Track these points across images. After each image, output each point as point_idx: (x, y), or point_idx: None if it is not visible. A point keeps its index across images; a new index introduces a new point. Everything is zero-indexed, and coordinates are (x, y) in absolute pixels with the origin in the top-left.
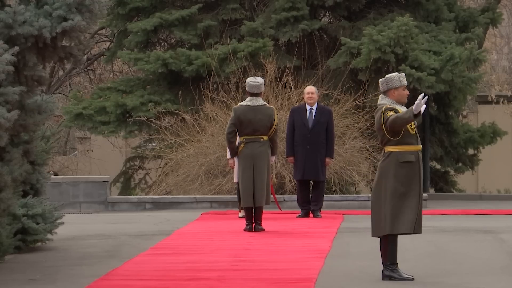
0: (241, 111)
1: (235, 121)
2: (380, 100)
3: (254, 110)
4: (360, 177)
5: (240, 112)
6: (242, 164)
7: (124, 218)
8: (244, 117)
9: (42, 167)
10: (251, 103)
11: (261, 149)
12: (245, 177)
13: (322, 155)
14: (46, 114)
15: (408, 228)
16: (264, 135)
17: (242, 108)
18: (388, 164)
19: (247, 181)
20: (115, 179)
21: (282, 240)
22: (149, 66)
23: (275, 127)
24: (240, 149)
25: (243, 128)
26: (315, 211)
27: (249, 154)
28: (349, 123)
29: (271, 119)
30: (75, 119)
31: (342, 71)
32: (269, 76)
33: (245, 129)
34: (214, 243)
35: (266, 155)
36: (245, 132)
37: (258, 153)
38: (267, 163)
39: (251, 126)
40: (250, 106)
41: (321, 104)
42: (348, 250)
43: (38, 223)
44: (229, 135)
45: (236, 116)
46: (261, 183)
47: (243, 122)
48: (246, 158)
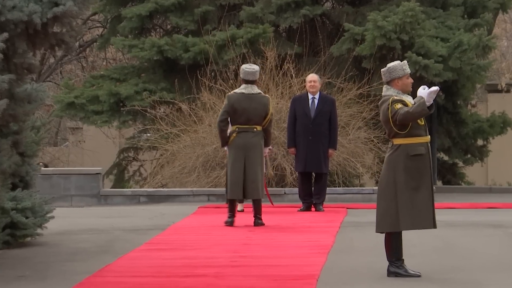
0: (235, 99)
1: (228, 109)
2: (385, 91)
3: (249, 98)
4: (364, 169)
5: (234, 99)
6: (233, 154)
7: (118, 212)
8: (238, 105)
9: (32, 159)
10: (245, 91)
11: (254, 140)
12: (235, 168)
13: (324, 146)
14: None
15: (429, 224)
16: (258, 125)
17: (236, 95)
18: (397, 157)
19: (238, 173)
20: (108, 171)
21: (283, 235)
22: (144, 53)
23: (270, 117)
24: (231, 138)
25: (236, 117)
26: (317, 204)
27: (241, 144)
28: (353, 113)
29: (266, 108)
30: (66, 109)
31: (346, 59)
32: (269, 63)
33: (238, 118)
34: (211, 238)
35: (259, 146)
36: (239, 121)
37: (251, 143)
38: (261, 154)
39: (245, 115)
40: (245, 94)
41: (324, 93)
42: (351, 245)
43: (27, 217)
44: (221, 123)
45: (230, 104)
46: (254, 175)
47: (237, 111)
48: (238, 149)
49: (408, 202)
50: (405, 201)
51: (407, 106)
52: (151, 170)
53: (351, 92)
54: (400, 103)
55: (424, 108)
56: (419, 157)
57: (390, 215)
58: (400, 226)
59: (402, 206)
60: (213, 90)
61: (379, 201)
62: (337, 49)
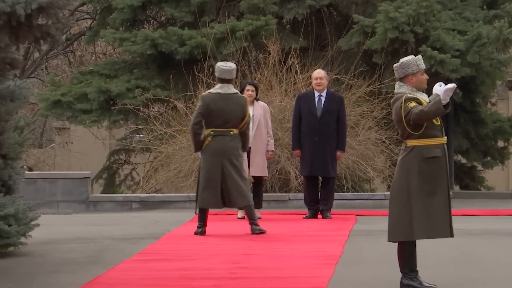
0: (211, 99)
1: (203, 110)
2: (397, 88)
3: (226, 99)
4: (375, 172)
5: (210, 100)
6: (209, 160)
7: (108, 219)
8: (215, 106)
9: (15, 162)
10: (222, 91)
11: (232, 144)
12: (212, 175)
13: (332, 148)
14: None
15: (445, 232)
16: (234, 128)
17: (212, 96)
18: (411, 160)
19: (215, 180)
20: (98, 175)
21: (287, 244)
22: (136, 47)
23: (248, 119)
24: (206, 143)
25: (212, 119)
26: (324, 211)
27: (217, 149)
28: (363, 112)
29: (244, 109)
30: (52, 107)
31: (355, 53)
32: (272, 58)
33: (214, 120)
34: (209, 247)
35: (237, 150)
36: (214, 124)
37: (228, 148)
38: (241, 159)
39: (222, 117)
40: (221, 94)
41: (331, 90)
42: (361, 255)
43: (10, 225)
44: (195, 126)
45: (205, 105)
46: (236, 182)
47: (212, 112)
48: (214, 154)
49: (423, 209)
50: (419, 208)
51: (422, 104)
52: (144, 174)
53: (361, 89)
54: (414, 102)
55: (440, 106)
56: (434, 160)
57: (403, 222)
58: (414, 234)
59: (416, 213)
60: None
61: (391, 208)
62: (346, 43)
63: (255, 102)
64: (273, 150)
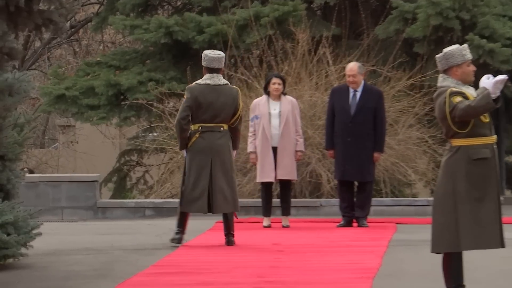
0: (199, 91)
1: (191, 103)
2: (441, 82)
3: (216, 91)
4: (417, 176)
5: (198, 92)
6: (197, 159)
7: (118, 228)
8: (203, 99)
9: (14, 163)
10: (211, 82)
11: (222, 142)
12: (200, 176)
13: (367, 149)
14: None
15: (495, 243)
16: (224, 123)
17: (200, 87)
18: (456, 162)
19: (203, 182)
20: (107, 178)
21: (319, 256)
22: (149, 36)
23: (240, 113)
24: (193, 140)
25: (200, 113)
26: (360, 219)
27: (206, 147)
28: (403, 108)
29: (236, 102)
30: (55, 103)
31: (394, 42)
32: (301, 48)
33: (202, 115)
34: (232, 259)
35: (228, 148)
36: (202, 118)
37: (218, 146)
38: (230, 158)
39: (211, 110)
40: (211, 85)
41: (369, 84)
42: (402, 268)
43: (9, 234)
44: (182, 121)
45: (193, 97)
46: (223, 184)
47: (201, 105)
48: (202, 153)
49: (471, 217)
50: (466, 215)
51: (468, 99)
52: (158, 177)
53: (401, 82)
54: (459, 96)
55: (489, 101)
56: (483, 162)
57: (449, 232)
58: (461, 245)
59: (463, 221)
60: (233, 80)
61: (435, 215)
62: (384, 31)
63: (282, 96)
64: (302, 150)
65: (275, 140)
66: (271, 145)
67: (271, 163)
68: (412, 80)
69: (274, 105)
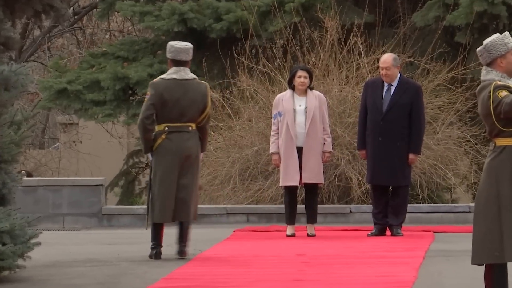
0: (164, 87)
1: (155, 100)
2: (484, 75)
3: (183, 86)
4: (457, 179)
5: (163, 88)
6: (163, 163)
7: (125, 237)
8: (169, 96)
9: (11, 165)
10: (177, 76)
11: (191, 144)
12: (167, 181)
13: (401, 150)
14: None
15: None
16: (192, 122)
17: (165, 82)
18: (501, 163)
19: (169, 188)
20: (113, 182)
21: (348, 268)
22: (161, 23)
23: (208, 111)
24: (159, 141)
25: (166, 112)
26: (394, 227)
27: (174, 149)
28: (443, 104)
29: (205, 99)
30: (56, 98)
31: (433, 30)
32: (329, 37)
33: (168, 113)
34: (252, 272)
35: (196, 152)
36: (168, 117)
37: (187, 149)
38: (197, 163)
39: (178, 108)
40: (177, 80)
41: (405, 78)
42: (440, 282)
43: (5, 243)
44: (146, 121)
45: (158, 94)
46: (188, 190)
47: (167, 103)
48: (169, 155)
49: None
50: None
51: None
52: None
53: (440, 75)
54: (505, 90)
55: None
56: None
57: (492, 241)
58: (505, 256)
59: (508, 230)
60: (254, 73)
61: (476, 223)
62: (422, 18)
63: (308, 91)
64: (330, 151)
65: (300, 139)
66: (296, 145)
67: (296, 165)
68: (453, 73)
69: (300, 101)
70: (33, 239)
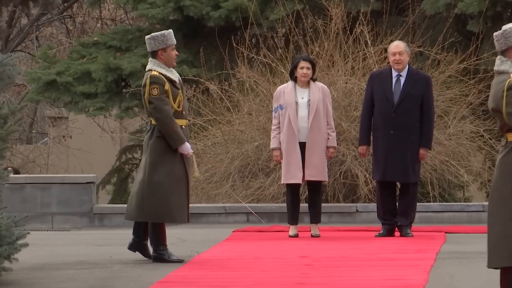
0: None
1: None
2: (498, 65)
3: None
4: (470, 176)
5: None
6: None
7: (118, 238)
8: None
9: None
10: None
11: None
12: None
13: (413, 144)
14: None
15: None
16: (149, 115)
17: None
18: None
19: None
20: (105, 180)
21: (355, 270)
22: (156, 11)
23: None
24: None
25: None
26: (403, 227)
27: None
28: (454, 96)
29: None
30: (45, 90)
31: (444, 19)
32: (334, 25)
33: None
34: (252, 275)
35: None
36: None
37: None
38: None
39: None
40: None
41: (414, 68)
42: (452, 285)
43: None
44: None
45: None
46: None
47: None
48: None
49: None
50: None
51: None
52: None
53: (452, 66)
54: None
55: None
56: None
57: (508, 243)
58: None
59: None
60: (254, 64)
61: (491, 223)
62: (431, 5)
63: (311, 83)
64: (335, 146)
65: (303, 134)
66: (298, 141)
67: (298, 162)
68: (465, 64)
69: (302, 93)
70: (20, 240)
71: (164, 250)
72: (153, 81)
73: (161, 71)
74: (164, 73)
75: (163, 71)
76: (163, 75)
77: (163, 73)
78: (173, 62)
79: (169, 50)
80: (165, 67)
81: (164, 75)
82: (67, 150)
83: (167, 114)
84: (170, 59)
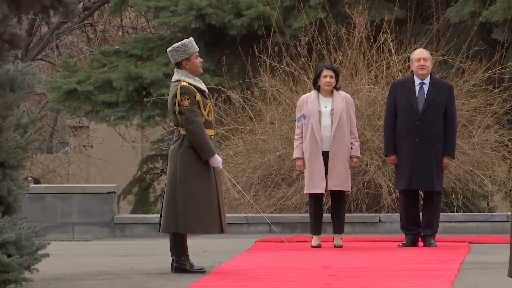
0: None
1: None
2: None
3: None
4: (495, 186)
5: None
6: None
7: (139, 248)
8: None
9: (17, 171)
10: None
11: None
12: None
13: (438, 153)
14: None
15: None
16: (178, 125)
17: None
18: None
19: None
20: (126, 190)
21: (377, 281)
22: (177, 20)
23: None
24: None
25: None
26: (427, 237)
27: None
28: (479, 105)
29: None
30: (65, 99)
31: (468, 27)
32: (357, 34)
33: None
34: (275, 285)
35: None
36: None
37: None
38: (175, 171)
39: None
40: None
41: (437, 77)
42: None
43: (10, 255)
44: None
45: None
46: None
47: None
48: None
49: None
50: None
51: None
52: None
53: (476, 75)
54: None
55: None
56: None
57: None
58: None
59: None
60: (277, 72)
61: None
62: (456, 13)
63: (334, 92)
64: (358, 156)
65: (326, 143)
66: (321, 150)
67: (321, 172)
68: (490, 73)
69: (325, 102)
70: (40, 250)
71: (185, 260)
72: (183, 91)
73: (190, 81)
74: (193, 83)
75: (191, 81)
76: (192, 85)
77: (192, 83)
78: (199, 69)
79: (193, 59)
80: (192, 76)
81: (193, 85)
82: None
83: (198, 125)
84: (195, 67)
